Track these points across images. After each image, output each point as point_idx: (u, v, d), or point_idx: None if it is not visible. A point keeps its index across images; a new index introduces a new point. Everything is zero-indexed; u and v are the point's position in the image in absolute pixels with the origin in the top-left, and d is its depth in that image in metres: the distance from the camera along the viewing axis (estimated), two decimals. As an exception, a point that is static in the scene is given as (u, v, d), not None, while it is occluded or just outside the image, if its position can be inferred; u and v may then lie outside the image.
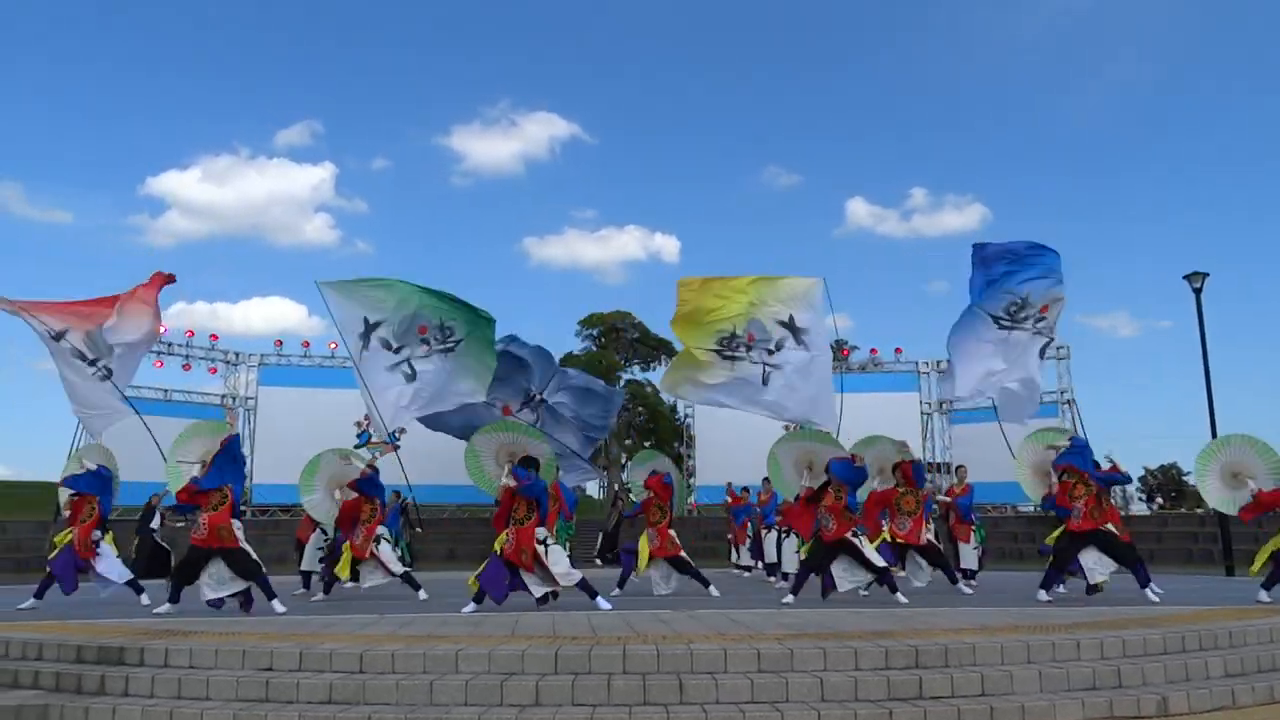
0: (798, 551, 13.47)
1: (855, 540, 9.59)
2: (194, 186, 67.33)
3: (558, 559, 8.93)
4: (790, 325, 15.91)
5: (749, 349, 15.83)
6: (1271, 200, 64.01)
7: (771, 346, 15.85)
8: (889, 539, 11.09)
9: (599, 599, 8.92)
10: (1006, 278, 15.07)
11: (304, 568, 12.83)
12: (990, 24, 70.57)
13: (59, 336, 14.34)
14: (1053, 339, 15.85)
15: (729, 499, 17.41)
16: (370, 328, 16.35)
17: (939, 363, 25.42)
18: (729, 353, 15.85)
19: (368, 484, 10.97)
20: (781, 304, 16.03)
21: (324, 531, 12.47)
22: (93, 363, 14.58)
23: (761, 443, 19.85)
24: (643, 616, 7.82)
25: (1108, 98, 71.83)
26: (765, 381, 15.82)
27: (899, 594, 9.64)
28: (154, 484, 17.06)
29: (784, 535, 14.04)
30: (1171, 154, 69.36)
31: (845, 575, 9.65)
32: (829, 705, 5.18)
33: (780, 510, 13.29)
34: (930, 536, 11.63)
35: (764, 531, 14.88)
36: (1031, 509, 24.21)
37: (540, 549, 8.80)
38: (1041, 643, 5.99)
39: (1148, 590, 9.41)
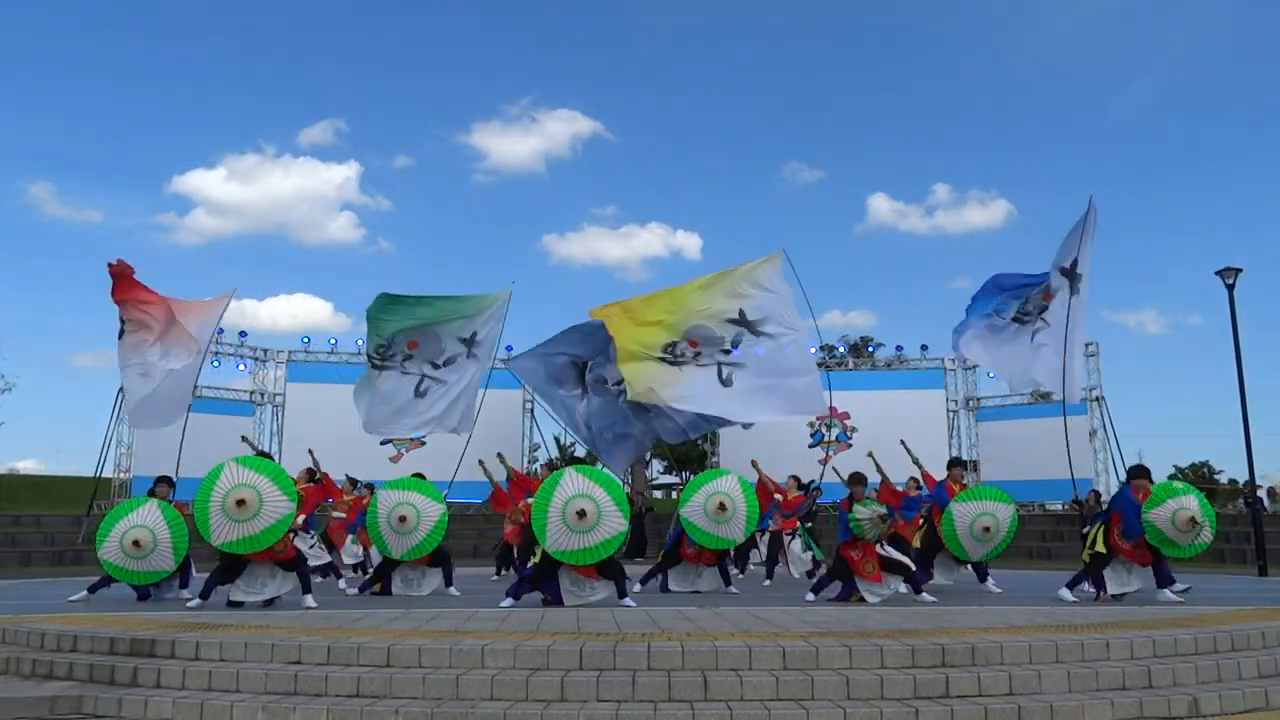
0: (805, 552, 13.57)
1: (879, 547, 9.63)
2: (220, 185, 67.99)
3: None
4: (741, 320, 14.59)
5: (696, 355, 14.60)
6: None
7: (726, 345, 14.58)
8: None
9: (625, 598, 8.95)
10: (1012, 295, 14.42)
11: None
12: (1013, 19, 69.83)
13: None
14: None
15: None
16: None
17: (965, 359, 25.21)
18: (672, 359, 14.68)
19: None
20: (729, 299, 14.72)
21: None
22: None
23: (786, 440, 19.83)
24: (667, 613, 7.82)
25: (1134, 93, 70.90)
26: (727, 382, 14.59)
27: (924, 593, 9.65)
28: (188, 480, 17.31)
29: (790, 537, 14.05)
30: (1199, 149, 68.31)
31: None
32: (854, 703, 5.16)
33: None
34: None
35: (758, 534, 14.84)
36: (1060, 507, 24.02)
37: None
38: (1070, 642, 5.94)
39: (1166, 591, 9.30)
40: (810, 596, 9.85)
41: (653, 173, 74.04)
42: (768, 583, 13.62)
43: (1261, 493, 19.40)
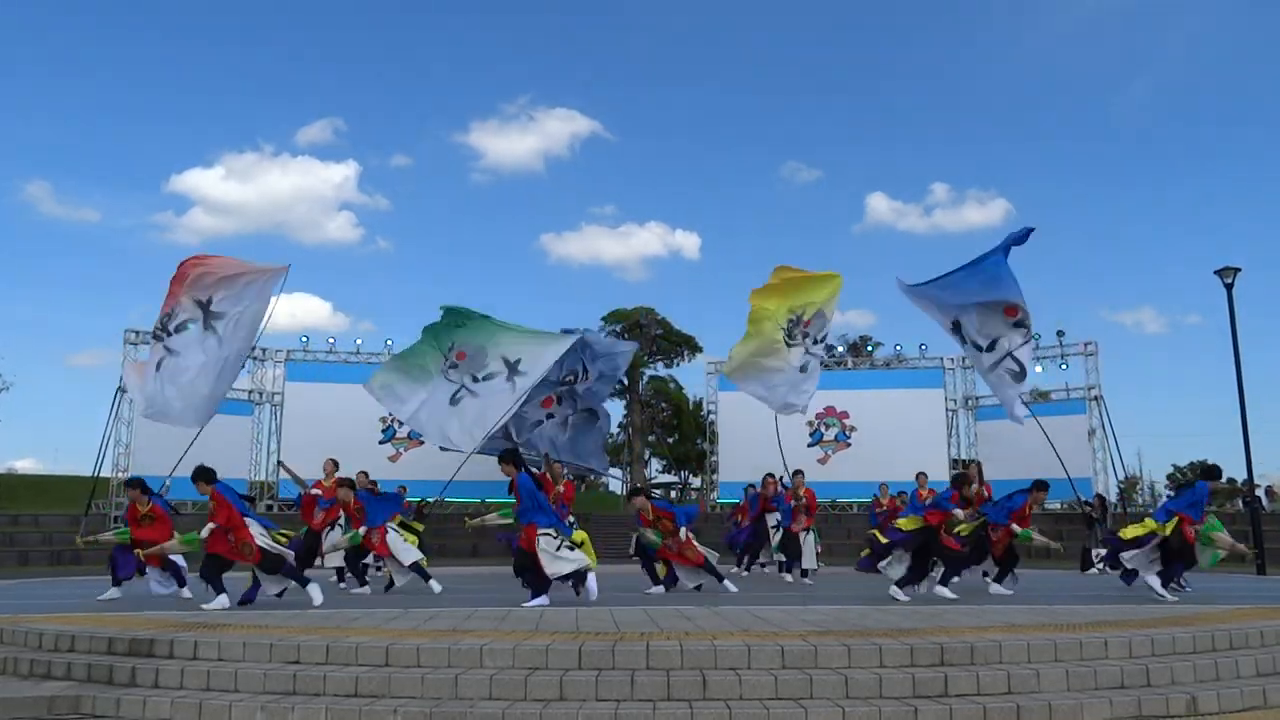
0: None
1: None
2: (218, 184, 67.96)
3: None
4: (824, 319, 16.52)
5: (805, 336, 16.38)
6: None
7: (819, 337, 16.45)
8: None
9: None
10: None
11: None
12: (1012, 19, 69.86)
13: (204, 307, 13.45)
14: (1022, 345, 14.57)
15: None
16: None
17: (964, 359, 25.22)
18: (790, 340, 16.42)
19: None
20: (823, 301, 16.62)
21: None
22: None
23: (785, 440, 19.80)
24: (666, 613, 7.82)
25: (1133, 93, 70.94)
26: (804, 369, 16.17)
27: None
28: (176, 479, 17.33)
29: (805, 533, 14.03)
30: (1198, 148, 68.36)
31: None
32: (854, 702, 5.16)
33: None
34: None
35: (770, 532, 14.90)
36: (1058, 507, 24.03)
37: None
38: (1069, 641, 5.94)
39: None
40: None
41: (651, 172, 74.06)
42: (789, 578, 13.53)
43: (1259, 492, 19.40)
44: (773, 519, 14.09)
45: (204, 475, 9.10)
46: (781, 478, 14.24)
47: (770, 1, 71.63)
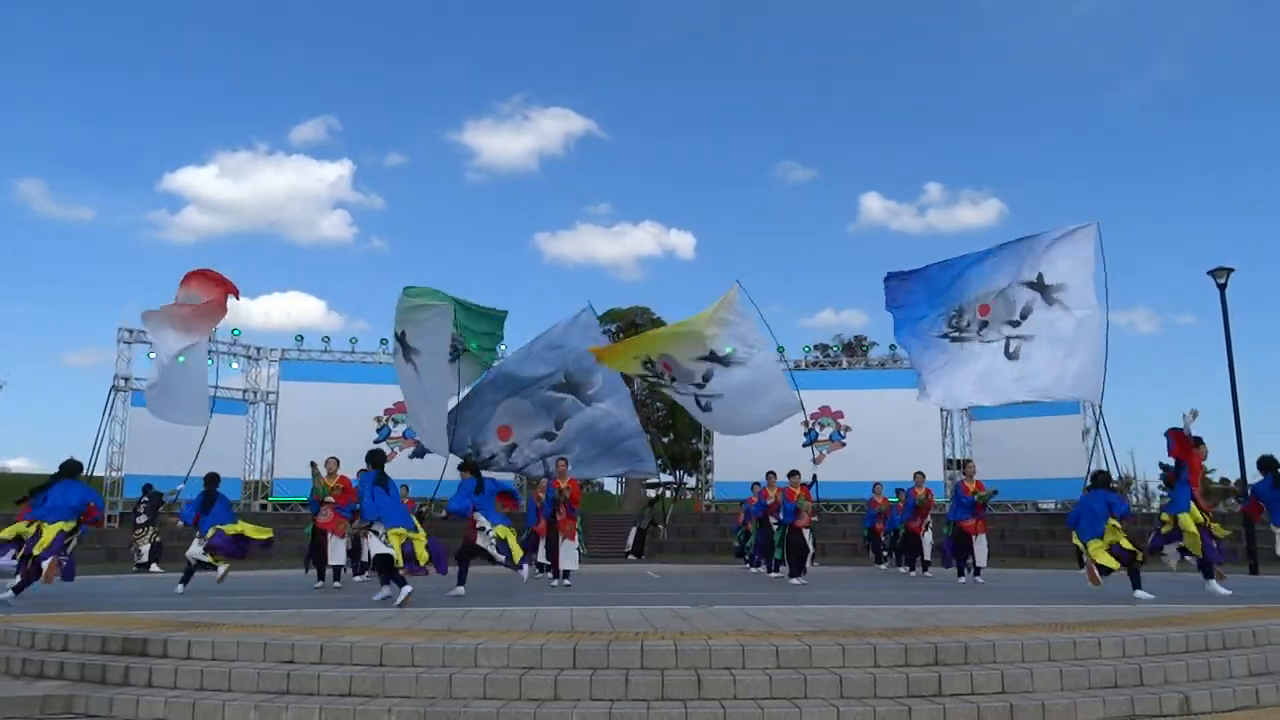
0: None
1: None
2: (212, 183, 67.86)
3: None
4: (711, 357, 15.24)
5: (673, 381, 15.67)
6: (1296, 195, 63.13)
7: (698, 379, 15.42)
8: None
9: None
10: (933, 298, 14.22)
11: (333, 562, 12.81)
12: (1006, 19, 69.97)
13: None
14: (1015, 335, 14.14)
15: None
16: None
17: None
18: (655, 376, 15.79)
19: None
20: (695, 344, 15.31)
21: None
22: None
23: (779, 440, 19.82)
24: (661, 612, 7.82)
25: (1127, 93, 71.10)
26: (706, 409, 15.74)
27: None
28: (174, 478, 17.33)
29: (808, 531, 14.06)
30: (1192, 149, 68.58)
31: None
32: (848, 702, 5.17)
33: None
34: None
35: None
36: (1052, 506, 24.10)
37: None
38: (1063, 641, 5.95)
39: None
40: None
41: (646, 171, 74.09)
42: (795, 581, 13.44)
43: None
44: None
45: None
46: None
47: (765, 1, 71.69)
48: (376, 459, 9.89)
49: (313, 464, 12.78)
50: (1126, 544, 9.71)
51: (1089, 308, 13.48)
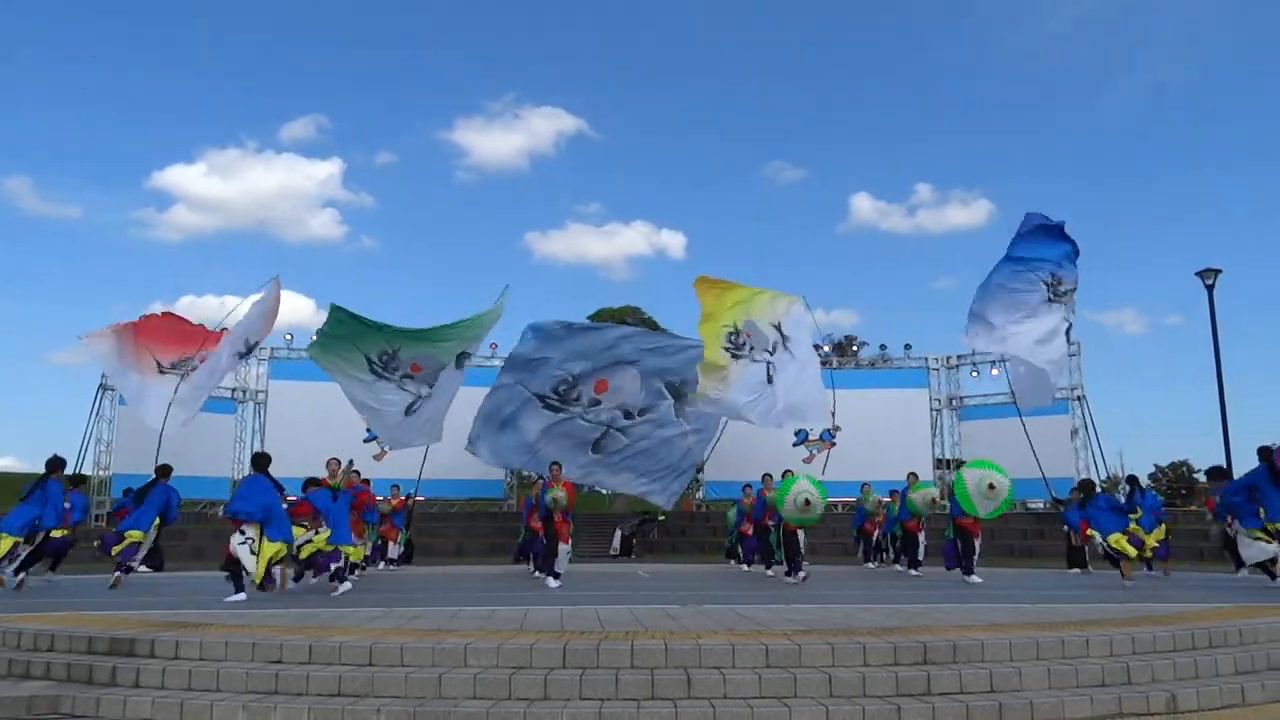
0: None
1: None
2: (200, 180, 67.56)
3: None
4: (780, 330, 16.89)
5: (752, 348, 16.82)
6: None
7: (769, 347, 16.77)
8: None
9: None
10: (1045, 249, 15.51)
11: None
12: (996, 21, 70.22)
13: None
14: (1070, 324, 16.03)
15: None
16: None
17: (948, 359, 25.32)
18: (736, 351, 16.82)
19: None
20: (772, 308, 17.07)
21: None
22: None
23: (767, 442, 19.87)
24: (651, 612, 7.82)
25: (1116, 95, 71.43)
26: (770, 380, 16.39)
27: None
28: (179, 478, 17.26)
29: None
30: (1180, 150, 68.96)
31: None
32: (837, 701, 5.18)
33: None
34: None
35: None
36: (1041, 505, 24.17)
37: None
38: (1050, 640, 5.98)
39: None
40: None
41: (637, 171, 74.13)
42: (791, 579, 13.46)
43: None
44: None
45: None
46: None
47: (756, 2, 71.75)
48: (262, 462, 10.34)
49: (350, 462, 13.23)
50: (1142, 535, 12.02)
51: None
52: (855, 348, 35.26)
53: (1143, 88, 70.10)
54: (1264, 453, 10.64)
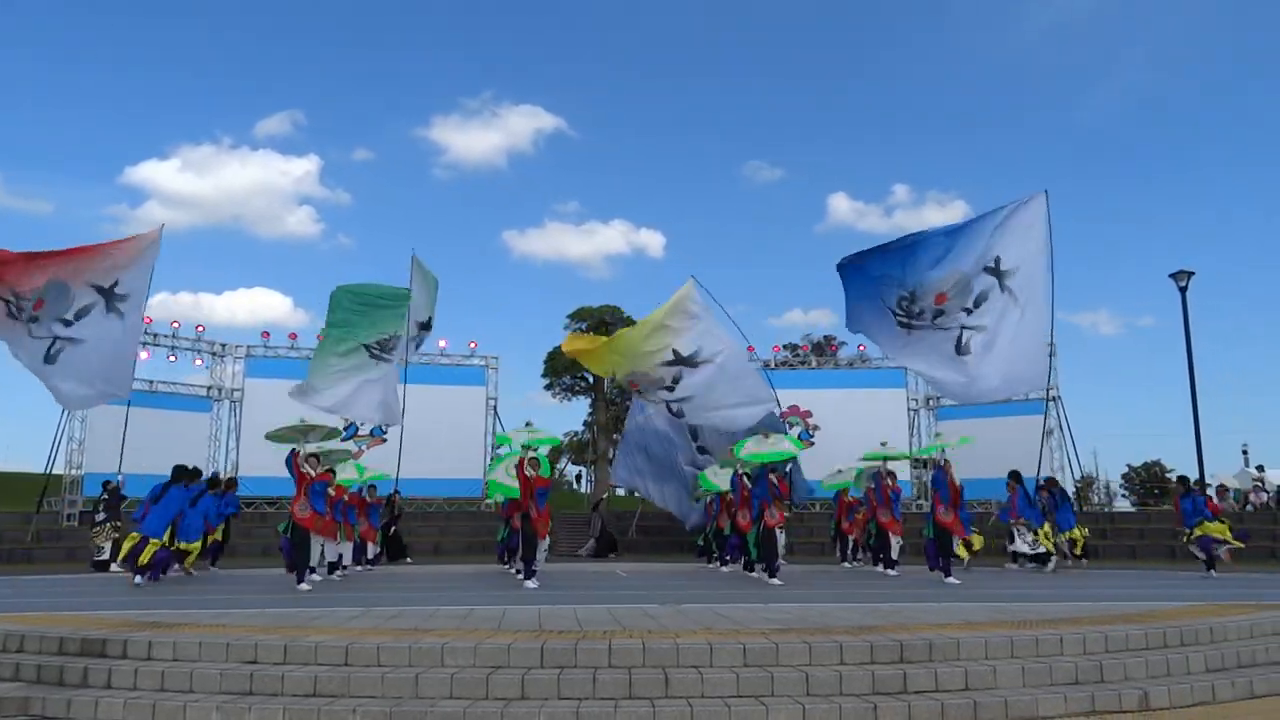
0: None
1: None
2: (174, 176, 66.94)
3: None
4: (677, 359, 15.92)
5: (640, 393, 16.71)
6: (1254, 198, 64.44)
7: (668, 383, 16.03)
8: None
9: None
10: (885, 279, 13.97)
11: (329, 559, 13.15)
12: (974, 23, 70.77)
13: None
14: (969, 325, 13.99)
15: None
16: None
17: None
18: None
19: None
20: (661, 339, 15.93)
21: None
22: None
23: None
24: (629, 611, 7.82)
25: (1092, 99, 72.18)
26: (679, 415, 16.64)
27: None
28: (134, 475, 17.11)
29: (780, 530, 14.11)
30: (1155, 153, 69.78)
31: None
32: (814, 700, 5.20)
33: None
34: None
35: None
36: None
37: None
38: (1025, 638, 6.03)
39: None
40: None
41: (615, 170, 74.20)
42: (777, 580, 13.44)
43: (1211, 490, 19.78)
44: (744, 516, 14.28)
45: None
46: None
47: (735, 2, 71.91)
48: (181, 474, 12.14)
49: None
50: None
51: (1035, 295, 13.70)
52: (834, 348, 35.45)
53: (1119, 91, 70.91)
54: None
